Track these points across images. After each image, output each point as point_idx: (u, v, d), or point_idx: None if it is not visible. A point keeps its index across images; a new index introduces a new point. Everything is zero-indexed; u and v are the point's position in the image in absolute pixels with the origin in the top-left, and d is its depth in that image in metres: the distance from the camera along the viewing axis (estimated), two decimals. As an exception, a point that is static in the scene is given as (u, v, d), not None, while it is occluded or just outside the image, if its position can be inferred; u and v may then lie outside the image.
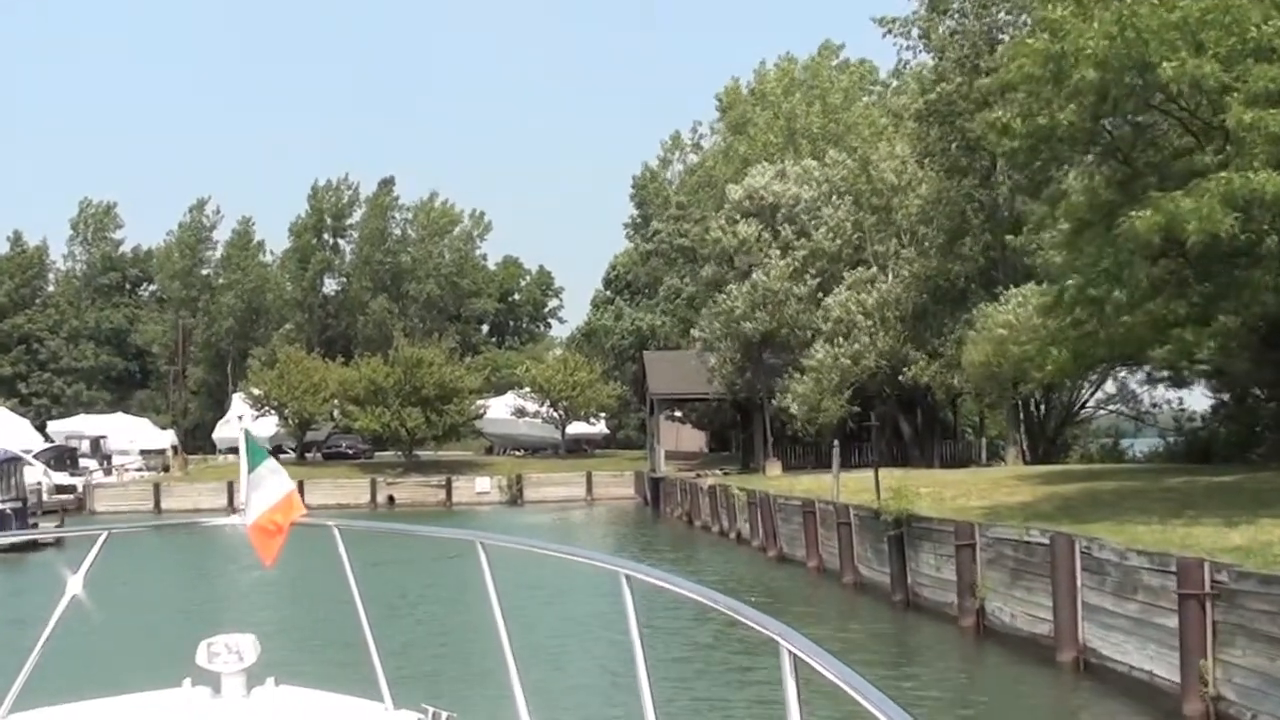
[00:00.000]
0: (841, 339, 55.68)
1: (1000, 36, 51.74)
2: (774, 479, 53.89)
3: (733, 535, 49.62)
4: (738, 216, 61.52)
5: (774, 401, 59.33)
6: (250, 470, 6.25)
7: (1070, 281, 26.92)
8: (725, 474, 62.83)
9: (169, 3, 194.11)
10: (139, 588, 34.03)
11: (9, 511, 50.29)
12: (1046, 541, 22.04)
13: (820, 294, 58.43)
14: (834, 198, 60.79)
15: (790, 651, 3.45)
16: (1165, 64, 22.89)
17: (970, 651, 24.76)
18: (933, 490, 34.20)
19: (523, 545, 6.01)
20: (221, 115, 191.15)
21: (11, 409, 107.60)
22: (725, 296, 60.43)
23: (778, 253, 59.39)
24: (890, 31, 54.88)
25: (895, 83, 72.34)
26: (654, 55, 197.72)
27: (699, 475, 63.86)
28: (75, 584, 5.89)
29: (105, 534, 6.27)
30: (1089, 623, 20.71)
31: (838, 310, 56.11)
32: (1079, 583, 20.96)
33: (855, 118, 70.64)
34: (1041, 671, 21.68)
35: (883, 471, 40.69)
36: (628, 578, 4.51)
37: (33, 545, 49.08)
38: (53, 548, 49.35)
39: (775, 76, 78.38)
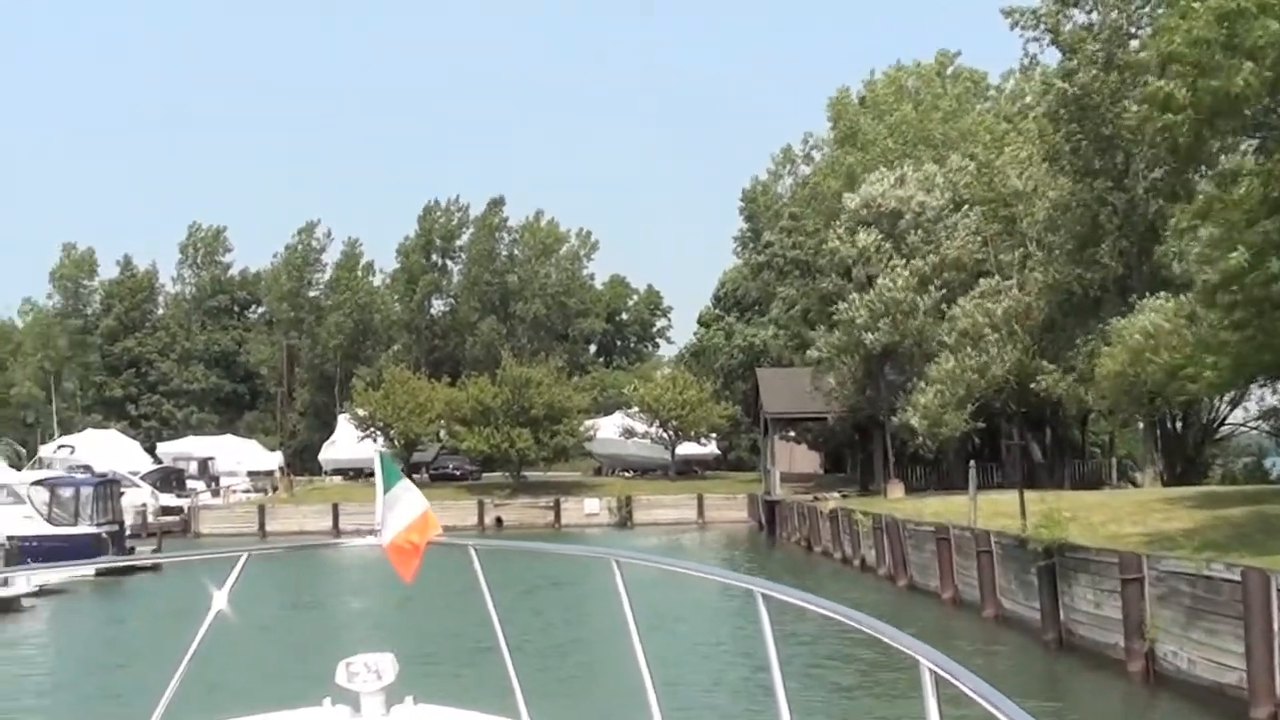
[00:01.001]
0: (968, 350, 52.90)
1: (1133, 31, 49.08)
2: (896, 501, 51.17)
3: (856, 563, 46.71)
4: (856, 226, 58.82)
5: (894, 419, 56.60)
6: (385, 491, 6.23)
7: (1234, 254, 24.14)
8: (844, 496, 60.03)
9: (276, 29, 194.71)
10: (278, 607, 35.00)
11: (105, 535, 48.72)
12: (1236, 577, 19.03)
13: (945, 306, 55.68)
14: (962, 206, 58.22)
15: (931, 669, 3.44)
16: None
17: (1140, 701, 21.86)
18: (1076, 514, 31.28)
19: (657, 563, 6.18)
20: (330, 138, 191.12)
21: (121, 431, 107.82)
22: (847, 306, 57.73)
23: (901, 261, 56.68)
24: (1017, 24, 52.02)
25: (1009, 86, 69.95)
26: (762, 69, 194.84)
27: (816, 498, 61.08)
28: (220, 600, 5.87)
29: (245, 555, 6.19)
30: (1292, 673, 17.77)
31: (964, 320, 53.26)
32: (1278, 626, 18.02)
33: (970, 124, 68.17)
34: (1231, 728, 18.78)
35: (1010, 495, 38.21)
36: (763, 596, 4.53)
37: (129, 570, 47.95)
38: (150, 573, 48.34)
39: (885, 84, 75.89)
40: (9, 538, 40.46)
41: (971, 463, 38.20)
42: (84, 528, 48.53)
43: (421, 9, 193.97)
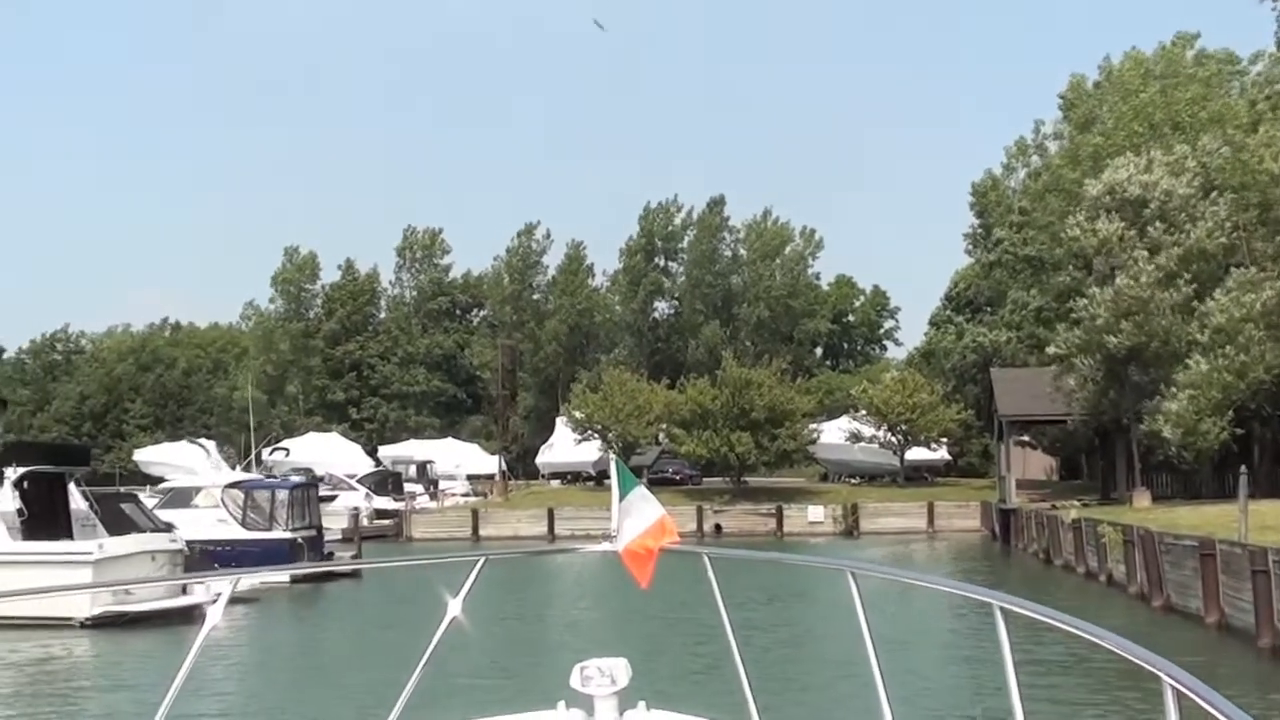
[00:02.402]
0: (1224, 349, 48.69)
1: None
2: (1143, 511, 47.07)
3: (1102, 578, 42.44)
4: (1098, 213, 54.71)
5: (1141, 424, 52.49)
6: (621, 498, 6.27)
7: None
8: (1084, 505, 56.00)
9: (489, 28, 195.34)
10: (506, 610, 35.01)
11: (300, 541, 47.05)
12: None
13: (1195, 301, 51.45)
14: (1211, 192, 53.97)
15: (1175, 688, 3.40)
16: None
17: None
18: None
19: (893, 575, 6.16)
20: (547, 141, 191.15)
21: (342, 434, 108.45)
22: (1087, 303, 53.69)
23: (1145, 254, 52.42)
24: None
25: (1257, 68, 65.49)
26: (988, 60, 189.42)
27: (1054, 506, 57.12)
28: (455, 607, 5.80)
29: (483, 559, 6.12)
30: None
31: (1219, 316, 48.97)
32: None
33: (1221, 107, 63.69)
34: None
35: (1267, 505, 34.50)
36: (1002, 610, 4.38)
37: (328, 576, 46.83)
38: (349, 579, 47.09)
39: (1129, 65, 71.54)
40: (189, 543, 38.78)
41: (1243, 469, 34.25)
42: (278, 533, 46.87)
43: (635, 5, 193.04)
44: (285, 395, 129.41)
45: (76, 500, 35.83)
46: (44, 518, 34.66)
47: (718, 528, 76.47)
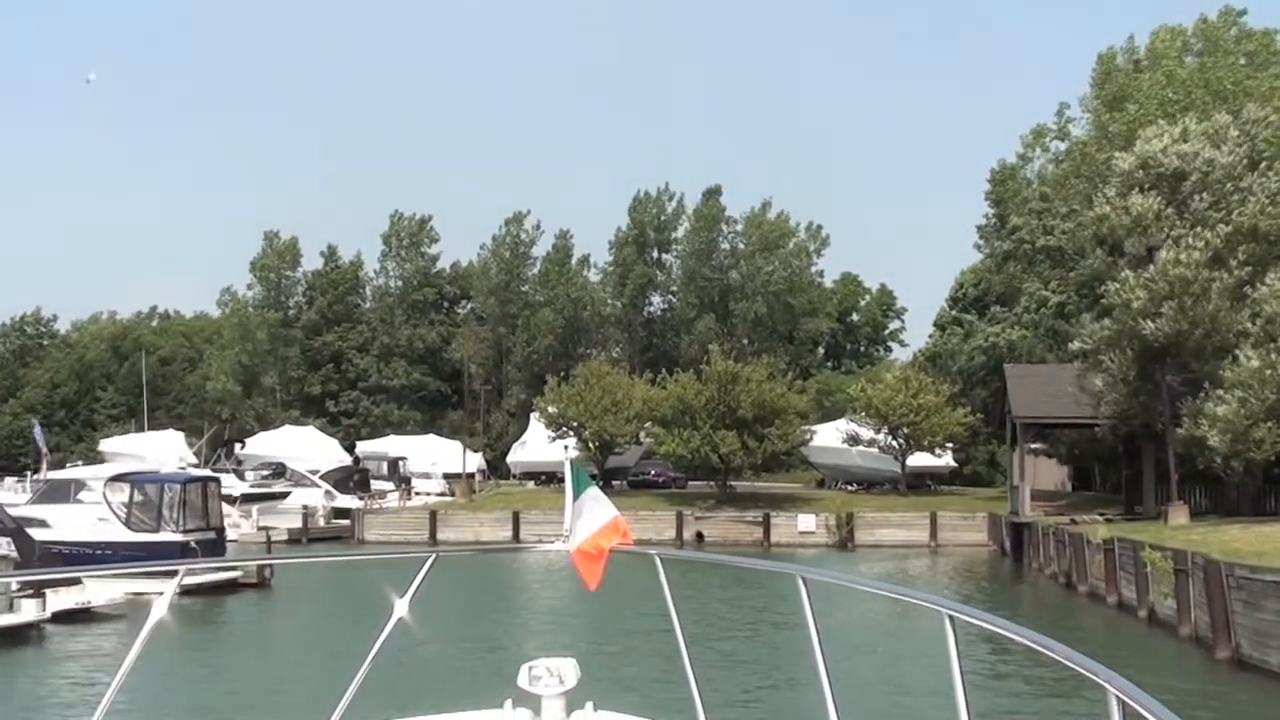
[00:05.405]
0: (1275, 343, 42.08)
1: None
2: (1182, 530, 40.45)
3: (1142, 614, 34.94)
4: (1130, 189, 47.84)
5: (1180, 429, 45.60)
6: (575, 498, 6.35)
7: None
8: (1108, 520, 49.26)
9: (479, 18, 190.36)
10: (458, 609, 34.00)
11: (193, 544, 40.21)
12: None
13: (1248, 288, 44.71)
14: (1259, 165, 47.39)
15: (1118, 697, 3.46)
16: None
17: None
18: None
19: (844, 581, 6.23)
20: (538, 122, 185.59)
21: (319, 428, 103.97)
22: (1119, 287, 46.73)
23: (1187, 231, 45.61)
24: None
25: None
26: (1003, 51, 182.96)
27: (1074, 521, 50.42)
28: (401, 606, 5.80)
29: (433, 557, 6.22)
30: None
31: (1273, 305, 42.18)
32: None
33: (1267, 88, 57.55)
34: None
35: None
36: (951, 618, 4.48)
37: (231, 588, 40.64)
38: (255, 589, 41.45)
39: (1164, 39, 65.28)
40: (48, 544, 32.36)
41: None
42: (167, 534, 40.12)
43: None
44: (262, 387, 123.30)
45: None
46: None
47: (699, 535, 70.12)
